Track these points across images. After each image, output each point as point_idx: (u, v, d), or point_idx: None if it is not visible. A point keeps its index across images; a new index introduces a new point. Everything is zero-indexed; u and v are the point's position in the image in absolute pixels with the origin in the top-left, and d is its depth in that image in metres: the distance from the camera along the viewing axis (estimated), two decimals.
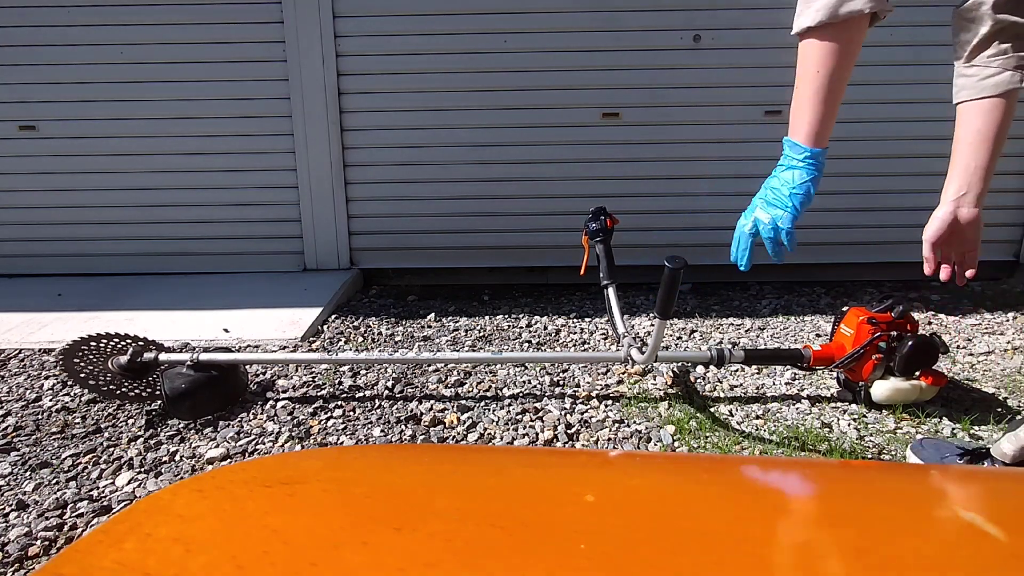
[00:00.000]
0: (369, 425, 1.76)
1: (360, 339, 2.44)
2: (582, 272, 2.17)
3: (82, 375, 1.76)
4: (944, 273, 1.27)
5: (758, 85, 2.88)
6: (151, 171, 3.04)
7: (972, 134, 1.20)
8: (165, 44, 2.91)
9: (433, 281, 3.14)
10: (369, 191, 3.05)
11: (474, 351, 2.32)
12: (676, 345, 2.36)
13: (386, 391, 1.94)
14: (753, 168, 2.99)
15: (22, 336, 2.38)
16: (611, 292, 2.01)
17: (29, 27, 2.90)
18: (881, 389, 1.73)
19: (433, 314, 2.68)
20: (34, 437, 1.71)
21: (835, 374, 1.93)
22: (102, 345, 1.87)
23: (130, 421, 1.77)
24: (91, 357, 1.82)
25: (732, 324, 2.55)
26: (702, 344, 2.37)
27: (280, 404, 1.86)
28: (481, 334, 2.47)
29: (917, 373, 1.73)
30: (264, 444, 1.67)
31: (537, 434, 1.70)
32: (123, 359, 1.81)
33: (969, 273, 1.24)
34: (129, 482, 1.51)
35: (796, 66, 1.11)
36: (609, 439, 1.67)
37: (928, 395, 1.76)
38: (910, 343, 1.68)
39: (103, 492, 1.47)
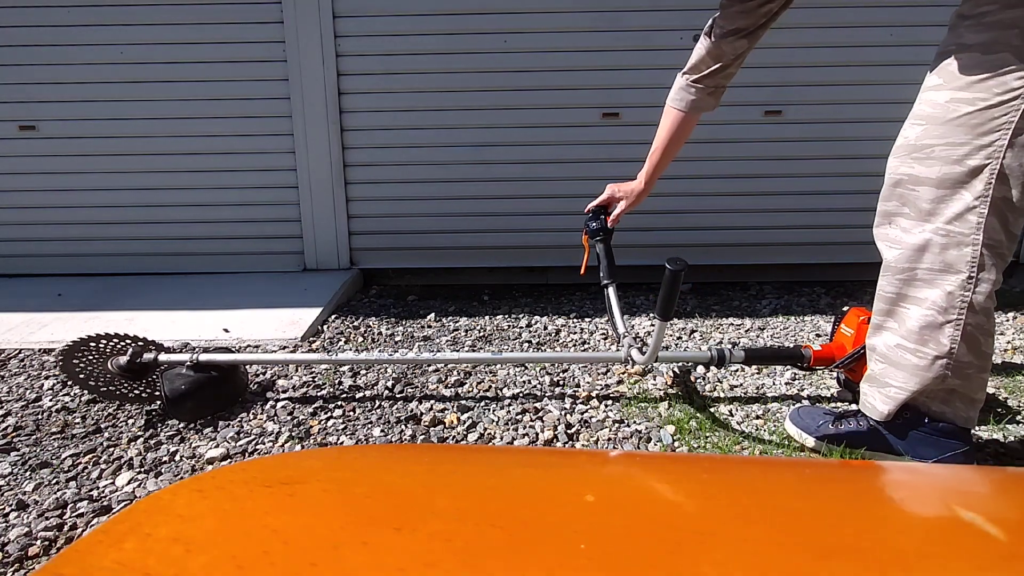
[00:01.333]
0: (369, 425, 1.76)
1: (360, 339, 2.44)
2: (582, 272, 2.16)
3: (81, 376, 1.75)
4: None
5: (758, 85, 2.88)
6: (151, 171, 3.04)
7: (667, 131, 1.97)
8: (165, 44, 2.91)
9: (433, 281, 3.14)
10: (369, 191, 3.05)
11: (474, 351, 2.32)
12: (676, 345, 2.36)
13: (386, 391, 1.94)
14: (753, 168, 3.00)
15: (22, 336, 2.38)
16: (611, 292, 2.01)
17: (29, 27, 2.90)
18: None
19: (433, 314, 2.68)
20: (34, 437, 1.71)
21: (835, 374, 1.93)
22: (102, 345, 1.86)
23: (130, 421, 1.77)
24: (91, 358, 1.82)
25: (732, 324, 2.55)
26: (702, 344, 2.37)
27: (280, 404, 1.86)
28: (481, 334, 2.47)
29: None
30: (264, 444, 1.67)
31: (537, 434, 1.70)
32: (123, 359, 1.81)
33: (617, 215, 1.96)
34: (129, 482, 1.51)
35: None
36: (609, 439, 1.67)
37: None
38: None
39: (103, 492, 1.47)
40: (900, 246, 1.35)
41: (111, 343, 1.89)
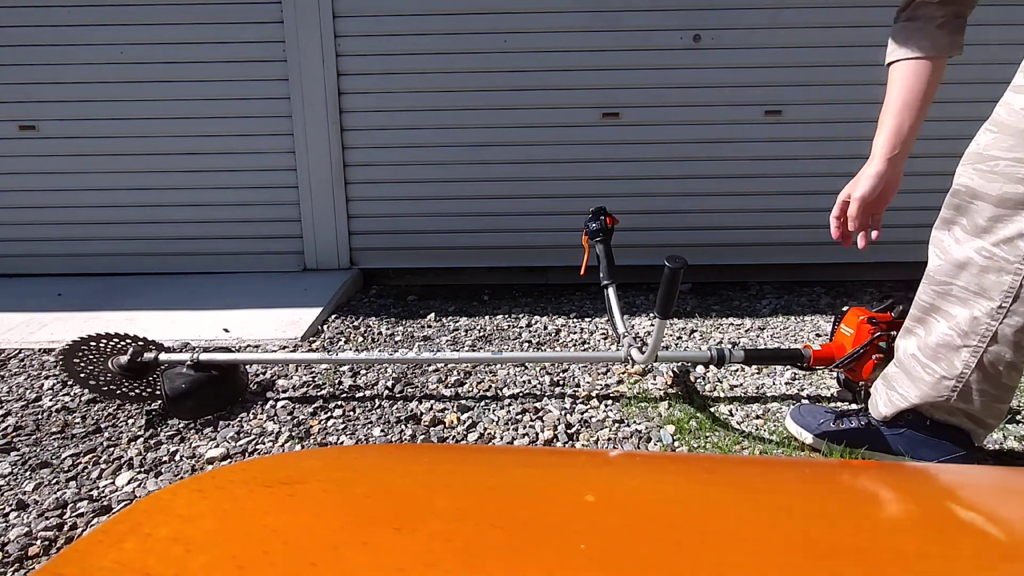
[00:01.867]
0: (369, 425, 1.76)
1: (360, 339, 2.44)
2: (582, 272, 2.16)
3: (82, 375, 1.76)
4: (862, 241, 1.41)
5: (758, 85, 2.88)
6: (151, 171, 3.04)
7: (905, 92, 1.28)
8: (165, 44, 2.91)
9: (433, 281, 3.14)
10: (369, 191, 3.05)
11: (474, 351, 2.32)
12: (676, 345, 2.36)
13: (386, 391, 1.94)
14: (753, 168, 3.00)
15: (22, 336, 2.38)
16: (611, 292, 2.01)
17: (29, 27, 2.90)
18: None
19: (433, 314, 2.68)
20: (34, 437, 1.71)
21: (835, 374, 1.93)
22: (102, 345, 1.87)
23: (130, 421, 1.77)
24: (91, 357, 1.82)
25: (732, 324, 2.55)
26: (702, 344, 2.37)
27: (280, 404, 1.86)
28: (481, 334, 2.47)
29: None
30: (264, 444, 1.67)
31: (537, 434, 1.70)
32: (123, 359, 1.81)
33: (875, 235, 1.41)
34: (129, 482, 1.51)
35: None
36: (609, 439, 1.67)
37: None
38: None
39: (103, 492, 1.47)
40: (944, 257, 1.27)
41: (111, 343, 1.89)
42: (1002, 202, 1.15)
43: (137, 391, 1.81)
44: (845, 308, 1.84)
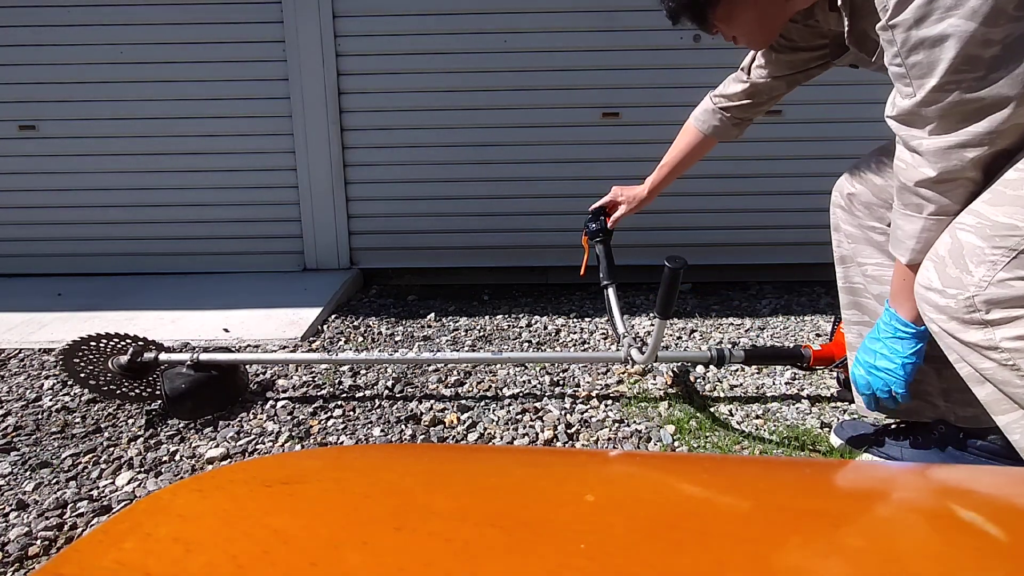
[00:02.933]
0: (369, 425, 1.76)
1: (360, 339, 2.44)
2: (582, 273, 2.16)
3: (82, 375, 1.76)
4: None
5: None
6: (151, 171, 3.04)
7: (677, 150, 2.00)
8: (165, 44, 2.91)
9: (433, 281, 3.14)
10: (369, 191, 3.05)
11: (474, 351, 2.32)
12: (676, 345, 2.36)
13: (386, 391, 1.94)
14: (753, 168, 3.00)
15: (22, 336, 2.38)
16: (611, 293, 2.01)
17: (29, 27, 2.90)
18: None
19: (433, 314, 2.68)
20: (34, 437, 1.71)
21: (835, 374, 1.93)
22: (102, 345, 1.87)
23: (130, 421, 1.77)
24: (91, 357, 1.82)
25: (732, 324, 2.55)
26: (702, 344, 2.37)
27: (280, 404, 1.86)
28: (481, 334, 2.47)
29: None
30: (264, 444, 1.67)
31: (537, 434, 1.70)
32: (123, 359, 1.81)
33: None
34: (129, 482, 1.51)
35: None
36: (609, 439, 1.67)
37: None
38: None
39: (103, 492, 1.47)
40: None
41: (112, 343, 1.89)
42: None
43: (137, 391, 1.81)
44: None
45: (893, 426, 1.53)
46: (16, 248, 3.14)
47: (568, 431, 1.71)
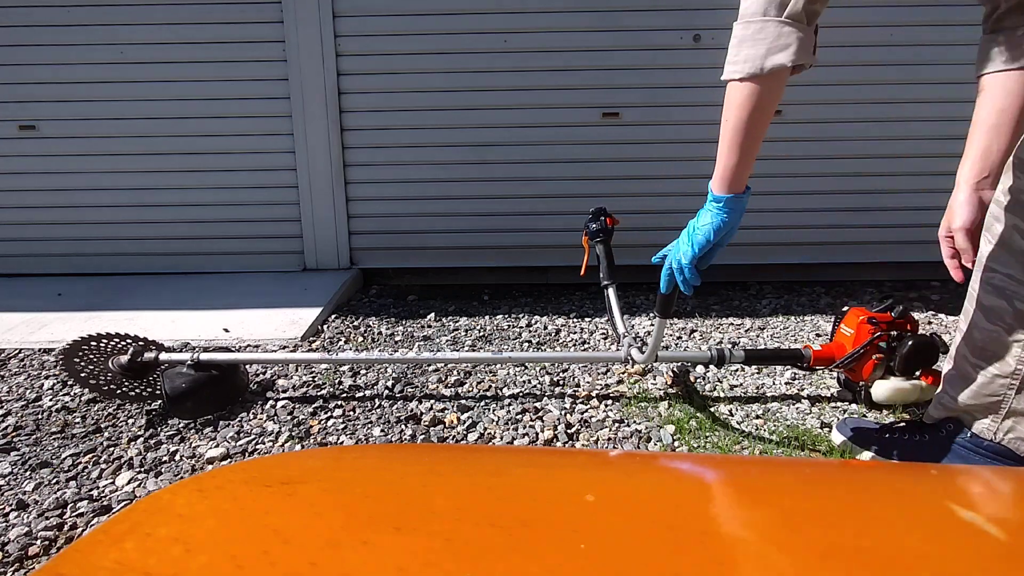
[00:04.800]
0: (369, 425, 1.76)
1: (360, 339, 2.44)
2: (582, 273, 2.17)
3: (82, 375, 1.76)
4: (958, 273, 1.22)
5: None
6: (151, 171, 3.04)
7: (995, 114, 1.11)
8: (165, 44, 2.91)
9: (433, 281, 3.14)
10: (369, 191, 3.05)
11: (474, 351, 2.32)
12: (676, 345, 2.36)
13: (386, 391, 1.94)
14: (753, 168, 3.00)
15: (22, 336, 2.38)
16: (611, 293, 2.01)
17: (29, 27, 2.90)
18: (881, 389, 1.73)
19: (433, 314, 2.68)
20: (34, 437, 1.71)
21: (835, 374, 1.93)
22: (102, 345, 1.87)
23: (130, 421, 1.77)
24: (91, 357, 1.82)
25: (732, 324, 2.55)
26: (702, 344, 2.37)
27: (280, 404, 1.86)
28: (481, 334, 2.47)
29: (918, 373, 1.74)
30: (264, 444, 1.67)
31: (537, 434, 1.70)
32: (124, 359, 1.82)
33: (966, 258, 1.21)
34: (129, 482, 1.51)
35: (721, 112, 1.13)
36: (609, 439, 1.67)
37: (928, 395, 1.75)
38: (910, 343, 1.68)
39: (103, 492, 1.47)
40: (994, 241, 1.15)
41: (112, 342, 1.89)
42: None
43: (137, 391, 1.81)
44: (845, 308, 1.84)
45: (898, 424, 1.53)
46: (16, 248, 3.14)
47: (568, 431, 1.71)
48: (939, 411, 1.41)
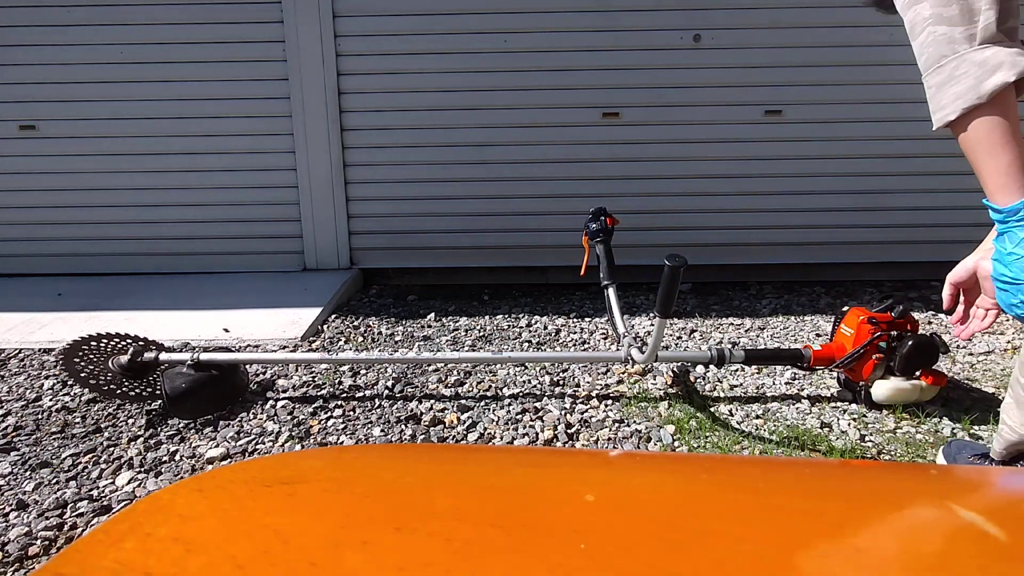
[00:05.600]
0: (369, 425, 1.76)
1: (360, 339, 2.44)
2: (582, 272, 2.17)
3: (82, 375, 1.76)
4: (959, 323, 1.08)
5: (758, 85, 2.88)
6: (151, 171, 3.04)
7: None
8: (165, 44, 2.91)
9: (433, 281, 3.14)
10: (369, 191, 3.05)
11: (474, 351, 2.32)
12: (676, 345, 2.36)
13: (386, 391, 1.94)
14: (753, 168, 3.00)
15: (22, 336, 2.38)
16: (611, 292, 2.01)
17: (29, 27, 2.90)
18: (881, 389, 1.73)
19: (433, 314, 2.68)
20: (34, 437, 1.71)
21: (835, 374, 1.93)
22: (103, 345, 1.87)
23: (130, 421, 1.77)
24: (91, 357, 1.82)
25: (732, 324, 2.55)
26: (702, 344, 2.37)
27: (280, 404, 1.86)
28: (481, 334, 2.47)
29: (917, 373, 1.73)
30: (264, 444, 1.67)
31: (537, 434, 1.70)
32: (124, 359, 1.82)
33: (975, 326, 1.08)
34: (129, 482, 1.51)
35: (966, 156, 0.95)
36: (609, 439, 1.67)
37: (928, 395, 1.76)
38: (910, 343, 1.68)
39: (103, 492, 1.47)
40: None
41: (112, 342, 1.89)
42: None
43: (137, 391, 1.81)
44: (845, 308, 1.84)
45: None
46: (16, 248, 3.14)
47: (568, 431, 1.71)
48: (1000, 444, 1.33)
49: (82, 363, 1.79)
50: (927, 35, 0.98)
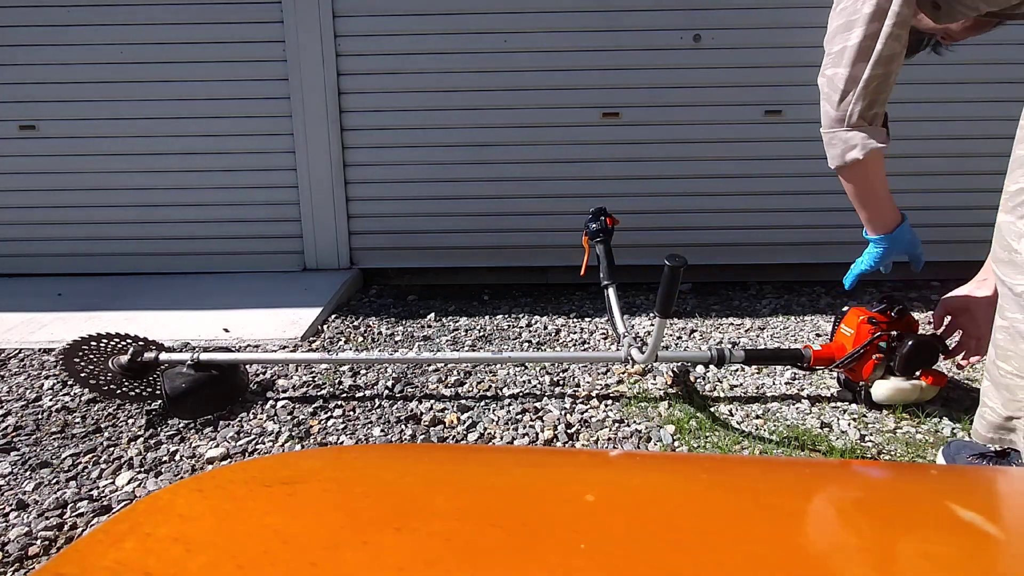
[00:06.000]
0: (369, 425, 1.76)
1: (360, 339, 2.44)
2: (582, 273, 2.17)
3: (82, 374, 1.76)
4: (955, 352, 1.60)
5: (758, 85, 2.88)
6: (151, 171, 3.04)
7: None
8: (165, 44, 2.91)
9: (433, 281, 3.15)
10: (369, 191, 3.05)
11: (474, 351, 2.32)
12: (676, 345, 2.36)
13: (386, 391, 1.94)
14: (753, 168, 3.00)
15: (22, 336, 2.38)
16: (611, 293, 2.01)
17: (29, 27, 2.90)
18: (882, 389, 1.73)
19: (433, 314, 2.68)
20: (34, 437, 1.71)
21: (835, 374, 1.93)
22: (103, 345, 1.87)
23: (130, 421, 1.77)
24: (91, 357, 1.82)
25: (732, 324, 2.55)
26: (702, 344, 2.37)
27: (280, 404, 1.86)
28: (481, 334, 2.47)
29: (918, 373, 1.73)
30: (264, 444, 1.67)
31: (537, 434, 1.70)
32: (124, 359, 1.82)
33: (972, 359, 1.52)
34: (129, 482, 1.51)
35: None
36: (609, 439, 1.67)
37: (929, 395, 1.76)
38: (910, 343, 1.68)
39: (103, 492, 1.47)
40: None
41: (112, 343, 1.89)
42: None
43: (137, 391, 1.81)
44: (845, 308, 1.84)
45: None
46: (16, 248, 3.14)
47: (568, 431, 1.71)
48: (982, 425, 1.33)
49: (82, 363, 1.79)
50: (822, 105, 1.37)
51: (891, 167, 3.20)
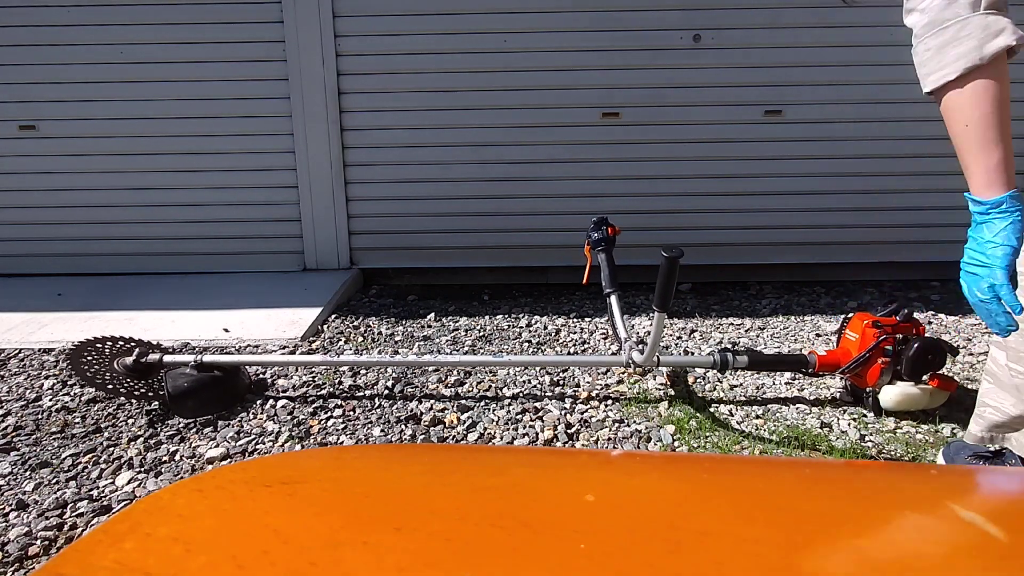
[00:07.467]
0: (369, 425, 1.76)
1: (360, 339, 2.44)
2: (584, 281, 2.17)
3: (88, 374, 1.77)
4: None
5: (758, 85, 2.88)
6: (151, 171, 3.04)
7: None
8: (165, 44, 2.91)
9: (433, 281, 3.14)
10: (369, 191, 3.05)
11: (474, 351, 2.32)
12: (676, 345, 2.36)
13: (386, 391, 1.94)
14: (753, 168, 3.00)
15: (22, 336, 2.38)
16: (614, 300, 2.00)
17: (29, 27, 2.90)
18: (890, 395, 1.67)
19: (433, 314, 2.68)
20: (34, 437, 1.71)
21: (841, 380, 1.92)
22: (107, 348, 1.88)
23: (130, 421, 1.77)
24: (96, 358, 1.83)
25: (732, 324, 2.55)
26: (702, 344, 2.37)
27: (280, 404, 1.86)
28: (481, 334, 2.47)
29: (925, 377, 1.69)
30: (264, 444, 1.67)
31: (537, 434, 1.70)
32: (128, 360, 1.83)
33: None
34: (129, 482, 1.51)
35: (945, 122, 1.01)
36: (609, 439, 1.67)
37: (938, 400, 1.70)
38: (916, 345, 1.64)
39: (103, 492, 1.47)
40: None
41: (116, 345, 1.91)
42: None
43: (141, 390, 1.82)
44: (850, 315, 1.81)
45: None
46: (16, 248, 3.14)
47: (568, 431, 1.70)
48: (980, 426, 1.35)
49: (86, 364, 1.80)
50: (928, 0, 0.98)
51: (891, 167, 3.21)
